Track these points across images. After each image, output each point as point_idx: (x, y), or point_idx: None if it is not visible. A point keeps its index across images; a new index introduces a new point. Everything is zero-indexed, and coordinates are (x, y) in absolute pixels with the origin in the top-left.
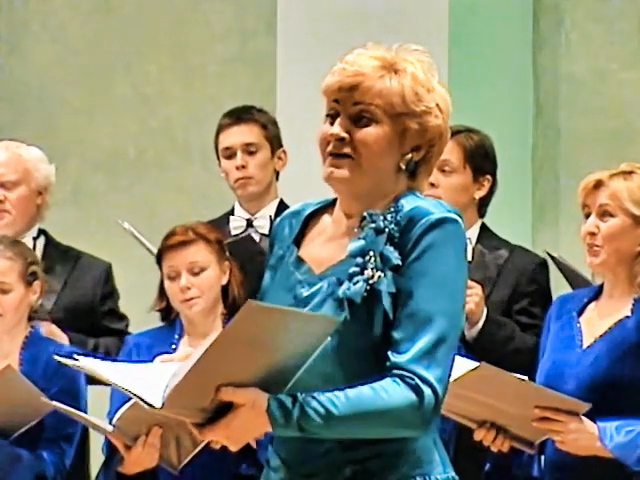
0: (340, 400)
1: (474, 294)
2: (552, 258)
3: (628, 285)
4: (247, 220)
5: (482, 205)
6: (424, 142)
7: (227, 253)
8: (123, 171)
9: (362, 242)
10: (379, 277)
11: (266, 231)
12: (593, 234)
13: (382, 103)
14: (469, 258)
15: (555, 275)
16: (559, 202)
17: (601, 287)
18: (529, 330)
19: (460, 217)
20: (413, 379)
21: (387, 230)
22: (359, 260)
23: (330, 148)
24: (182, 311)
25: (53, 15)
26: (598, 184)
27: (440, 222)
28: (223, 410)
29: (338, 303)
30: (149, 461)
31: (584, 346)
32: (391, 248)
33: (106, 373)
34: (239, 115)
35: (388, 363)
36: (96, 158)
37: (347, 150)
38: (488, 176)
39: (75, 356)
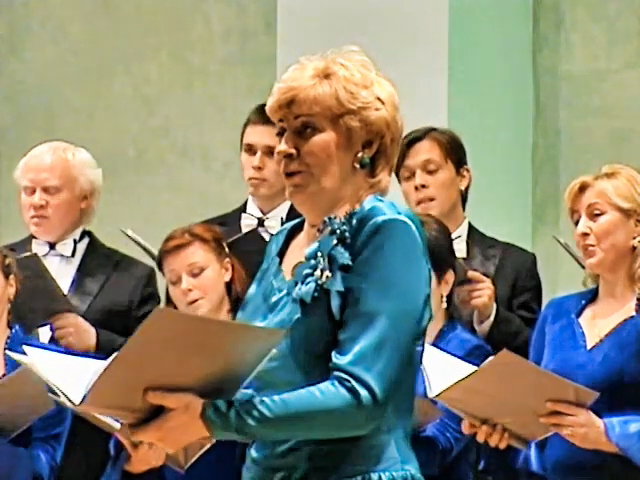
0: (275, 403)
1: (486, 287)
2: (560, 244)
3: (628, 284)
4: (258, 219)
5: (463, 200)
6: (372, 136)
7: (227, 249)
8: (123, 171)
9: (316, 245)
10: (327, 277)
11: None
12: (586, 235)
13: (320, 110)
14: (463, 254)
15: (546, 270)
16: (559, 202)
17: (596, 290)
18: (530, 324)
19: (412, 219)
20: (349, 381)
21: (338, 232)
22: (312, 262)
23: (282, 167)
24: None
25: (53, 15)
26: (583, 187)
27: (387, 223)
28: (159, 413)
29: (296, 304)
30: (155, 460)
31: (588, 346)
32: (342, 249)
33: (42, 366)
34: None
35: (330, 364)
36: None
37: (296, 167)
38: (466, 167)
39: (25, 348)
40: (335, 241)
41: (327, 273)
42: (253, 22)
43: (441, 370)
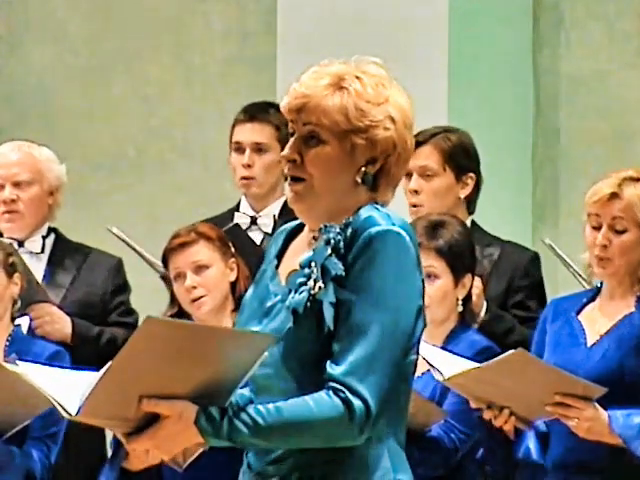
0: (269, 411)
1: (475, 287)
2: (546, 245)
3: (629, 286)
4: (251, 217)
5: (470, 202)
6: (377, 154)
7: (233, 249)
8: (123, 171)
9: (311, 253)
10: (319, 288)
11: (269, 230)
12: (605, 246)
13: (327, 122)
14: None
15: (546, 270)
16: (559, 202)
17: (598, 289)
18: (525, 323)
19: (406, 230)
20: (344, 392)
21: (332, 242)
22: (306, 271)
23: (285, 171)
24: (192, 313)
25: (53, 15)
26: (613, 196)
27: (380, 235)
28: (153, 421)
29: (289, 312)
30: (153, 457)
31: (588, 344)
32: (335, 260)
33: (36, 378)
34: (254, 113)
35: (325, 375)
36: (96, 158)
37: (299, 173)
38: (471, 174)
39: (17, 362)
40: (329, 251)
41: (320, 284)
42: (253, 22)
43: (447, 361)
